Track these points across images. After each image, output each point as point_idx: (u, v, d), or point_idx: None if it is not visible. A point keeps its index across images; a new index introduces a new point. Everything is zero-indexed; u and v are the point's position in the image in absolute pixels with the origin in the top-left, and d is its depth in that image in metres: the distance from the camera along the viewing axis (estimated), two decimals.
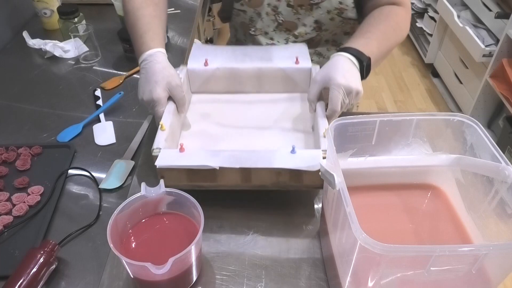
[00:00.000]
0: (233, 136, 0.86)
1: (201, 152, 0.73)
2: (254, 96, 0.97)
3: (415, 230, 0.67)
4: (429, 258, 0.49)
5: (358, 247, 0.49)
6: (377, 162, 0.69)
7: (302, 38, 1.01)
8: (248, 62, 0.95)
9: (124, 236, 0.65)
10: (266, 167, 0.70)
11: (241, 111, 0.93)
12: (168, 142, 0.77)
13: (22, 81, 1.16)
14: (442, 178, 0.71)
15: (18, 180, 0.84)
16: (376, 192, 0.72)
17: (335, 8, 0.93)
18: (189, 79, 0.96)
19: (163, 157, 0.72)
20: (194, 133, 0.87)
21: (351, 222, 0.49)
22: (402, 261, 0.53)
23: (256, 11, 0.98)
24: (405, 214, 0.69)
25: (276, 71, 0.94)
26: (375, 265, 0.51)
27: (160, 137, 0.75)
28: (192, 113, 0.93)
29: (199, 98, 0.97)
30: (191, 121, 0.90)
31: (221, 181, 0.75)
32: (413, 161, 0.70)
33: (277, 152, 0.73)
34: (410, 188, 0.72)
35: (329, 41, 1.03)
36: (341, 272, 0.60)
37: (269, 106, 0.94)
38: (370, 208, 0.70)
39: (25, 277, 0.64)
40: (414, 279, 0.54)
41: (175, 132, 0.83)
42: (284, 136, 0.86)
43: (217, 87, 0.97)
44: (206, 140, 0.85)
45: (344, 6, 0.93)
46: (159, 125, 0.77)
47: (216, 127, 0.89)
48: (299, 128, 0.87)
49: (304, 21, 0.97)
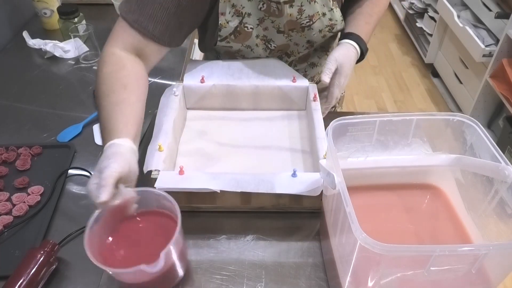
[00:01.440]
0: (231, 156, 0.84)
1: (201, 175, 0.72)
2: (251, 114, 0.95)
3: (415, 230, 0.67)
4: (429, 258, 0.49)
5: (358, 247, 0.49)
6: (377, 162, 0.70)
7: (295, 56, 0.99)
8: (244, 79, 0.93)
9: (104, 249, 0.63)
10: (268, 192, 0.69)
11: (238, 129, 0.91)
12: (166, 163, 0.75)
13: (22, 81, 1.16)
14: (442, 178, 0.71)
15: (18, 180, 0.84)
16: (376, 192, 0.72)
17: (326, 26, 0.92)
18: (184, 95, 0.94)
19: (163, 179, 0.70)
20: (191, 152, 0.85)
21: (351, 222, 0.49)
22: (402, 261, 0.53)
23: (244, 45, 0.93)
24: (405, 214, 0.69)
25: (273, 89, 0.93)
26: (375, 265, 0.51)
27: (158, 159, 0.73)
28: (189, 130, 0.91)
29: (194, 114, 0.96)
30: (188, 139, 0.89)
31: (221, 203, 0.75)
32: (413, 161, 0.70)
33: (278, 176, 0.71)
34: (410, 188, 0.72)
35: (318, 50, 1.02)
36: (341, 272, 0.60)
37: (266, 124, 0.93)
38: (370, 208, 0.70)
39: (25, 277, 0.64)
40: (414, 279, 0.54)
41: (172, 152, 0.81)
42: (282, 156, 0.84)
43: (213, 103, 0.95)
44: (203, 159, 0.84)
45: (334, 22, 0.92)
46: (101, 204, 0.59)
47: (213, 145, 0.87)
48: (297, 148, 0.86)
49: (296, 41, 0.94)
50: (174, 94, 0.89)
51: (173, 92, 0.89)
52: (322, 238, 0.72)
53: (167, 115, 0.83)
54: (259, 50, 0.95)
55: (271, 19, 0.88)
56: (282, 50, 0.96)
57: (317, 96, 0.90)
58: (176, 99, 0.88)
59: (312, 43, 0.95)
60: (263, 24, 0.89)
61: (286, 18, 0.88)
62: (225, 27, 0.88)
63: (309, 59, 1.02)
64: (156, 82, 1.17)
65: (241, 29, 0.89)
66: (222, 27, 0.88)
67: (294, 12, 0.87)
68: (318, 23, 0.91)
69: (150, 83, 1.15)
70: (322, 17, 0.90)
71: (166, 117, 0.82)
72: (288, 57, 0.99)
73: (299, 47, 0.96)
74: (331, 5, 0.90)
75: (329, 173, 0.58)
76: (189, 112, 0.96)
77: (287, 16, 0.87)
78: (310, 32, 0.92)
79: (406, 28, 3.19)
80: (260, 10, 0.87)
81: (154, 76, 1.19)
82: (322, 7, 0.89)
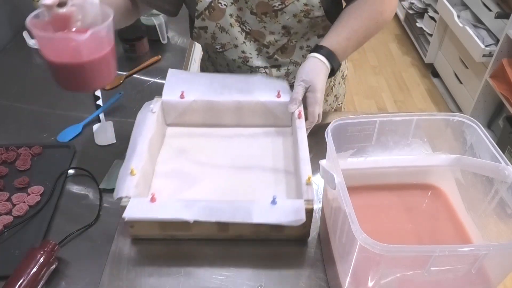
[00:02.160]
0: (211, 177, 0.80)
1: (174, 203, 0.67)
2: (233, 130, 0.90)
3: (415, 230, 0.67)
4: (429, 258, 0.49)
5: (358, 247, 0.49)
6: (377, 162, 0.70)
7: (274, 46, 0.95)
8: (227, 94, 0.88)
9: None
10: (245, 222, 0.64)
11: (219, 147, 0.87)
12: (139, 188, 0.70)
13: (22, 81, 1.17)
14: (442, 178, 0.71)
15: (18, 180, 0.84)
16: (376, 192, 0.72)
17: (301, 11, 0.87)
18: (163, 111, 0.88)
19: (133, 207, 0.66)
20: (168, 173, 0.80)
21: (351, 222, 0.49)
22: (402, 261, 0.53)
23: (218, 25, 0.91)
24: (405, 214, 0.69)
25: (257, 105, 0.88)
26: (375, 265, 0.51)
27: (130, 184, 0.69)
28: (167, 149, 0.86)
29: (174, 131, 0.90)
30: (166, 158, 0.84)
31: (196, 231, 0.70)
32: (413, 161, 0.70)
33: (256, 204, 0.67)
34: (410, 188, 0.72)
35: (303, 48, 0.98)
36: (341, 272, 0.60)
37: (248, 142, 0.88)
38: (370, 208, 0.70)
39: (25, 277, 0.64)
40: (414, 279, 0.54)
41: (147, 174, 0.76)
42: (265, 177, 0.80)
43: (193, 120, 0.90)
44: (181, 181, 0.79)
45: (310, 7, 0.87)
46: None
47: (192, 165, 0.82)
48: (280, 168, 0.81)
49: (271, 29, 0.91)
50: (152, 111, 0.83)
51: (151, 109, 0.84)
52: (322, 238, 0.73)
53: (143, 134, 0.78)
54: (235, 33, 0.92)
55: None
56: (259, 41, 0.94)
57: (302, 113, 0.85)
58: (154, 117, 0.82)
59: (289, 29, 0.92)
60: (237, 4, 0.88)
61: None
62: (201, 1, 0.88)
63: (291, 54, 0.98)
64: (156, 82, 1.17)
65: (215, 5, 0.88)
66: (198, 1, 0.88)
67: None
68: (292, 7, 0.87)
69: (150, 83, 1.16)
70: (296, 1, 0.86)
71: (141, 137, 0.77)
72: (267, 48, 0.96)
73: (275, 35, 0.93)
74: None
75: (329, 173, 0.58)
76: (169, 128, 0.91)
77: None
78: (284, 16, 0.88)
79: (406, 28, 3.19)
80: None
81: (154, 76, 1.19)
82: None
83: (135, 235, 0.72)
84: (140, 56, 1.26)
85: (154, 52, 1.29)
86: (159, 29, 1.28)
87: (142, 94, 1.11)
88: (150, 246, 0.72)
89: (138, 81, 1.17)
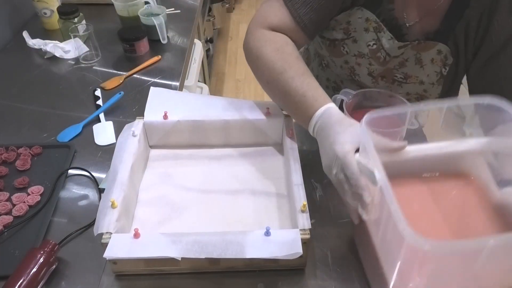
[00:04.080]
0: (198, 205, 0.75)
1: (159, 239, 0.62)
2: (221, 151, 0.86)
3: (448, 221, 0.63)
4: (480, 251, 0.47)
5: (405, 245, 0.48)
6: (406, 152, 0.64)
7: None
8: (213, 113, 0.83)
9: None
10: (237, 257, 0.60)
11: (206, 170, 0.82)
12: (121, 221, 0.66)
13: (22, 81, 1.16)
14: (473, 164, 0.67)
15: (18, 180, 0.84)
16: (405, 182, 0.67)
17: (416, 93, 0.83)
18: (146, 133, 0.84)
19: (114, 246, 0.61)
20: (152, 201, 0.76)
21: (397, 221, 0.47)
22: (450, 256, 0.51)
23: (332, 59, 0.87)
24: (436, 205, 0.65)
25: (245, 123, 0.83)
26: (422, 260, 0.50)
27: (111, 218, 0.64)
28: (151, 174, 0.81)
29: (158, 153, 0.85)
30: (149, 184, 0.79)
31: (185, 265, 0.66)
32: (442, 148, 0.65)
33: (249, 237, 0.62)
34: (440, 177, 0.68)
35: None
36: (386, 269, 0.58)
37: (237, 163, 0.83)
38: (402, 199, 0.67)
39: (25, 277, 0.64)
40: (463, 271, 0.53)
41: (129, 204, 0.72)
42: (255, 203, 0.76)
43: (178, 141, 0.85)
44: (166, 210, 0.74)
45: (426, 94, 0.83)
46: None
47: (177, 191, 0.77)
48: (272, 192, 0.78)
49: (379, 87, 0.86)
50: (133, 135, 0.79)
51: (132, 132, 0.79)
52: (357, 235, 0.70)
53: (123, 161, 0.73)
54: (342, 74, 0.89)
55: (370, 61, 0.83)
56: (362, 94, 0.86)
57: (293, 131, 0.80)
58: (135, 140, 0.78)
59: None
60: (359, 60, 0.84)
61: (385, 66, 0.82)
62: (328, 30, 0.83)
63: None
64: (156, 82, 1.17)
65: (338, 44, 0.84)
66: (329, 28, 0.83)
67: (395, 63, 0.82)
68: (410, 86, 0.83)
69: (150, 83, 1.16)
70: (418, 84, 0.83)
71: (122, 164, 0.73)
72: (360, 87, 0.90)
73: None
74: (435, 80, 0.82)
75: (368, 169, 0.55)
76: (152, 151, 0.86)
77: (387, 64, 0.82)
78: (398, 88, 0.85)
79: None
80: (366, 47, 0.82)
81: (154, 76, 1.19)
82: (425, 76, 0.82)
83: (119, 271, 0.68)
84: (140, 56, 1.26)
85: (154, 52, 1.28)
86: (159, 29, 1.28)
87: (142, 94, 1.11)
88: (135, 281, 0.67)
89: (138, 81, 1.17)
